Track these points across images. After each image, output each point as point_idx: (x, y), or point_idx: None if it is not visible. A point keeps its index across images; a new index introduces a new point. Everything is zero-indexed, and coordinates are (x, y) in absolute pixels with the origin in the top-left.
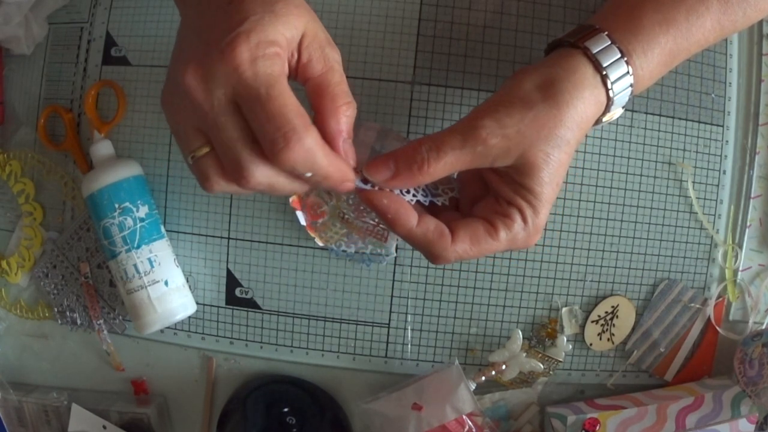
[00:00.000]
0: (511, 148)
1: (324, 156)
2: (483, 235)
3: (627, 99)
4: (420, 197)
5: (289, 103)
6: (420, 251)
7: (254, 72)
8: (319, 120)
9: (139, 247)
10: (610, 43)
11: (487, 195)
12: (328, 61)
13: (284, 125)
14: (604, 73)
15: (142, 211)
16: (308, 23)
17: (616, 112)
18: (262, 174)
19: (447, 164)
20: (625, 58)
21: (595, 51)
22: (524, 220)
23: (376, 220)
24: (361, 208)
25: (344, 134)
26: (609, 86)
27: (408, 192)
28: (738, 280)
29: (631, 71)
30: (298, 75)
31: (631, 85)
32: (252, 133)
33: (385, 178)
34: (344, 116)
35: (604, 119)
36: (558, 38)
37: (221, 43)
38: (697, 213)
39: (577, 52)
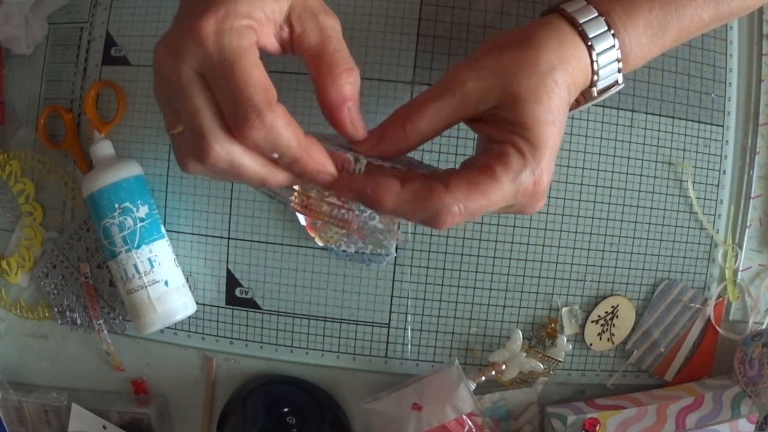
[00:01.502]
0: (489, 88)
1: (291, 135)
2: (480, 177)
3: (617, 66)
4: (399, 165)
5: (253, 78)
6: (418, 219)
7: (219, 46)
8: (320, 91)
9: (139, 247)
10: (586, 3)
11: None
12: (324, 30)
13: (245, 102)
14: (581, 28)
15: (142, 211)
16: None
17: (611, 86)
18: (222, 149)
19: (431, 119)
20: (603, 17)
21: (570, 10)
22: (520, 152)
23: (340, 201)
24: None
25: (348, 102)
26: (589, 42)
27: (385, 160)
28: (738, 280)
29: (613, 32)
30: (294, 48)
31: (614, 47)
32: (219, 108)
33: (373, 144)
34: (346, 83)
35: (597, 90)
36: (541, 13)
37: (191, 16)
38: (697, 213)
39: (554, 15)
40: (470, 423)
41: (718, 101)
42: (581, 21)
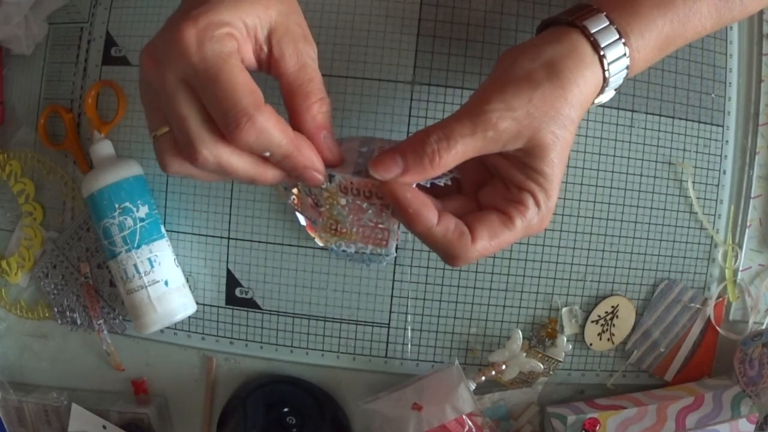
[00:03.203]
0: (521, 131)
1: (281, 133)
2: (499, 227)
3: (621, 81)
4: (421, 182)
5: (240, 83)
6: (437, 252)
7: (201, 56)
8: (294, 119)
9: (139, 247)
10: (608, 23)
11: (492, 180)
12: (301, 57)
13: (234, 106)
14: (602, 53)
15: (142, 211)
16: (278, 17)
17: (608, 95)
18: (210, 153)
19: (458, 153)
20: (623, 40)
21: (593, 31)
22: (537, 204)
23: (374, 221)
24: (360, 207)
25: (323, 131)
26: (606, 67)
27: None
28: (738, 280)
29: (627, 53)
30: (270, 70)
31: (627, 68)
32: (205, 113)
33: (395, 175)
34: (319, 113)
35: (596, 101)
36: (553, 16)
37: (173, 25)
38: (697, 213)
39: (575, 31)
40: (470, 423)
41: (718, 101)
42: (603, 45)
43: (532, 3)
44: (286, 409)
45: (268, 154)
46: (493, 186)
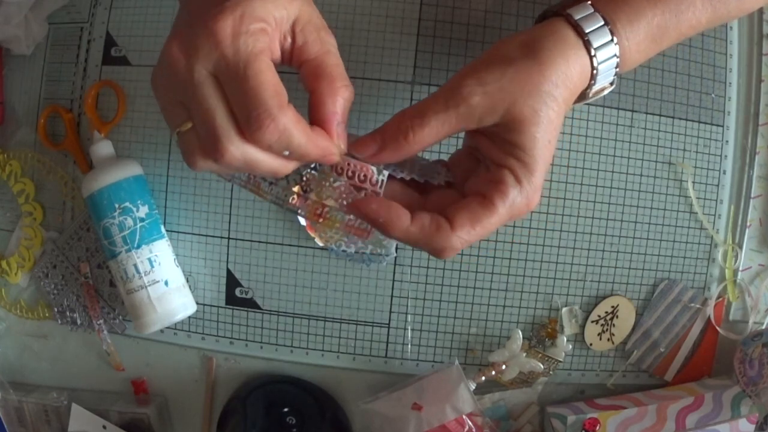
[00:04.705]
0: (494, 105)
1: (301, 134)
2: (480, 211)
3: (614, 71)
4: (416, 176)
5: (266, 82)
6: (422, 249)
7: (235, 49)
8: (315, 101)
9: (139, 247)
10: (593, 11)
11: (478, 167)
12: (325, 44)
13: (258, 106)
14: (587, 38)
15: (142, 211)
16: (302, 6)
17: (604, 87)
18: (237, 149)
19: (433, 129)
20: (609, 26)
21: (577, 18)
22: (518, 180)
23: None
24: (351, 190)
25: (339, 117)
26: (592, 53)
27: (403, 170)
28: (738, 280)
29: (616, 40)
30: (293, 59)
31: (616, 55)
32: (232, 108)
33: (373, 152)
34: (341, 98)
35: (591, 93)
36: (542, 11)
37: (207, 16)
38: (697, 213)
39: (559, 19)
40: (470, 423)
41: (718, 101)
42: (587, 30)
43: (532, 3)
44: (286, 409)
45: (287, 153)
46: (477, 173)
